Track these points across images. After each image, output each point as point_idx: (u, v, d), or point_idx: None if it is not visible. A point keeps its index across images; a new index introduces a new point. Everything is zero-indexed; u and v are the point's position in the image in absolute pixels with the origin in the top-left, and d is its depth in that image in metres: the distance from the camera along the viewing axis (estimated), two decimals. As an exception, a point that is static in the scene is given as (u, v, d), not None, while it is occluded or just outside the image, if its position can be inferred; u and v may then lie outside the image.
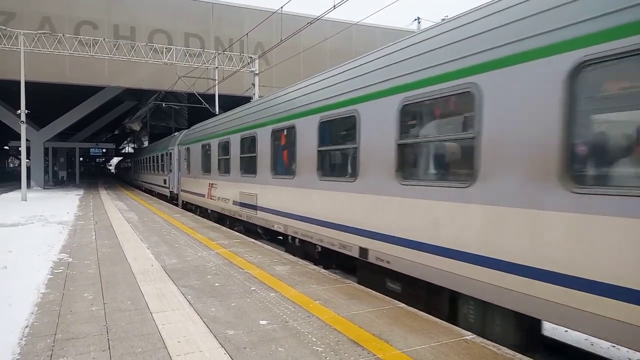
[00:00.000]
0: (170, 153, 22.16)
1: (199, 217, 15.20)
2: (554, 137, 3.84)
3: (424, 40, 5.56)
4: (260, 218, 10.41)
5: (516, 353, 3.96)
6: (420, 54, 5.49)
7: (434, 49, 5.27)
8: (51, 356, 3.90)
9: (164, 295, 5.78)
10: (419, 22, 34.23)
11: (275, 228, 9.52)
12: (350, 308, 5.21)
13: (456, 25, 5.10)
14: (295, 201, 8.56)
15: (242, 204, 11.50)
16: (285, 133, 9.14)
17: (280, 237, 10.27)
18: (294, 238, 8.81)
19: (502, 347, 4.10)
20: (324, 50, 29.37)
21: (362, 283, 6.58)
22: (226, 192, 12.99)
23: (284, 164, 9.33)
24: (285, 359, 3.84)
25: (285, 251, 9.09)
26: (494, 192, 4.43)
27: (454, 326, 4.70)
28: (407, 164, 5.83)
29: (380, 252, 6.11)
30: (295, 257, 8.36)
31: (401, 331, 4.47)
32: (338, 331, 4.47)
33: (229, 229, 12.23)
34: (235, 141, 12.03)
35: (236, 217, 12.21)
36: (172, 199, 21.83)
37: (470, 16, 4.98)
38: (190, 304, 5.40)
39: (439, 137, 5.41)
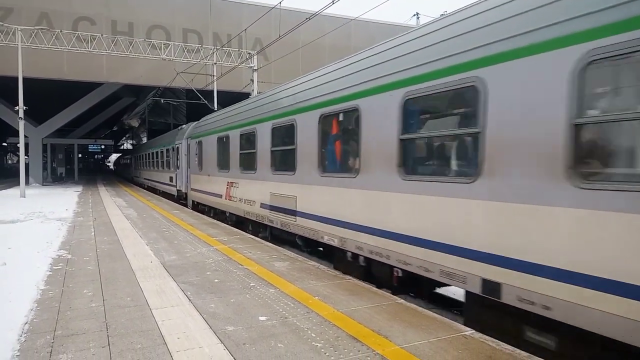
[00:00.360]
0: (178, 147, 19.91)
1: (198, 214, 15.20)
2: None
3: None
4: (301, 226, 8.40)
5: (515, 349, 3.98)
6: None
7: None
8: (51, 352, 3.91)
9: (163, 291, 5.78)
10: (417, 18, 34.13)
11: (326, 240, 7.56)
12: (349, 304, 5.22)
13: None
14: (361, 207, 6.58)
15: (274, 208, 9.57)
16: (341, 119, 7.32)
17: (321, 248, 9.13)
18: (355, 255, 6.87)
19: (501, 342, 4.11)
20: (323, 46, 29.26)
21: (485, 331, 4.52)
22: (250, 193, 10.92)
23: (339, 159, 7.57)
24: (284, 354, 3.85)
25: (334, 268, 7.48)
26: None
27: (453, 322, 4.71)
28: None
29: (529, 291, 4.06)
30: (294, 253, 8.36)
31: (400, 327, 4.48)
32: (337, 327, 4.48)
33: (227, 225, 12.23)
34: (263, 131, 10.03)
35: (265, 222, 10.13)
36: (180, 199, 19.86)
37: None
38: (189, 300, 5.40)
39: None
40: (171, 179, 21.82)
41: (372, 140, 6.32)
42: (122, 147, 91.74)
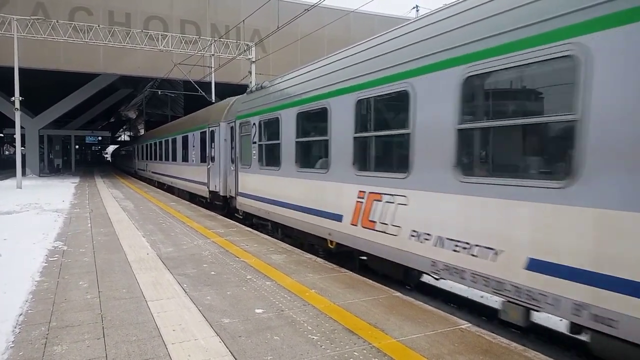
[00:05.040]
0: (212, 132, 14.34)
1: (195, 206, 15.15)
2: None
3: None
4: None
5: (511, 342, 3.97)
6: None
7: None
8: (45, 344, 3.88)
9: (159, 283, 5.76)
10: (417, 11, 33.97)
11: None
12: (346, 297, 5.21)
13: None
14: None
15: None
16: None
17: None
18: None
19: (497, 336, 4.11)
20: (322, 38, 29.12)
21: None
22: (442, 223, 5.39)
23: None
24: (280, 347, 3.83)
25: None
26: None
27: (450, 315, 4.71)
28: None
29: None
30: (291, 246, 8.34)
31: (397, 320, 4.48)
32: (334, 320, 4.47)
33: (225, 218, 12.18)
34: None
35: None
36: (213, 201, 14.66)
37: None
38: (185, 292, 5.38)
39: None
40: (199, 175, 15.94)
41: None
42: (119, 139, 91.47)
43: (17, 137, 23.22)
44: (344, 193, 6.84)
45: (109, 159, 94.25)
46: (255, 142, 10.60)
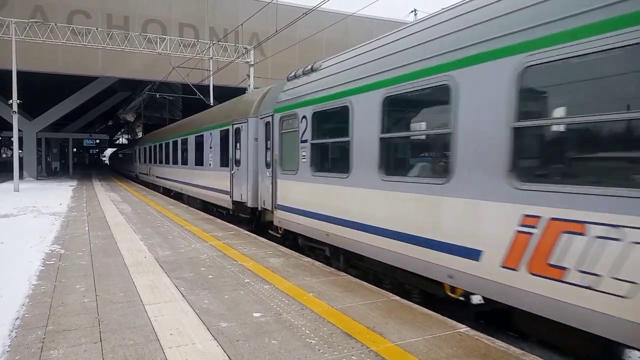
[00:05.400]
0: (238, 130, 11.96)
1: (194, 209, 15.13)
2: None
3: None
4: None
5: (509, 345, 3.97)
6: None
7: None
8: (42, 348, 3.86)
9: (156, 287, 5.74)
10: (415, 15, 34.13)
11: None
12: (344, 300, 5.20)
13: None
14: None
15: None
16: None
17: None
18: None
19: (495, 340, 4.11)
20: (320, 42, 29.18)
21: None
22: None
23: None
24: (278, 351, 3.82)
25: None
26: None
27: (448, 319, 4.70)
28: None
29: None
30: (289, 250, 8.33)
31: (395, 324, 4.47)
32: (332, 324, 4.46)
33: (223, 221, 12.15)
34: None
35: None
36: (237, 213, 12.37)
37: None
38: (183, 296, 5.37)
39: None
40: (219, 182, 13.52)
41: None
42: (117, 142, 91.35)
43: (15, 139, 23.17)
44: (486, 216, 4.55)
45: (107, 162, 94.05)
46: (305, 141, 8.06)
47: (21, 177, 26.57)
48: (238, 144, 11.93)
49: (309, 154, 7.98)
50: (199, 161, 16.09)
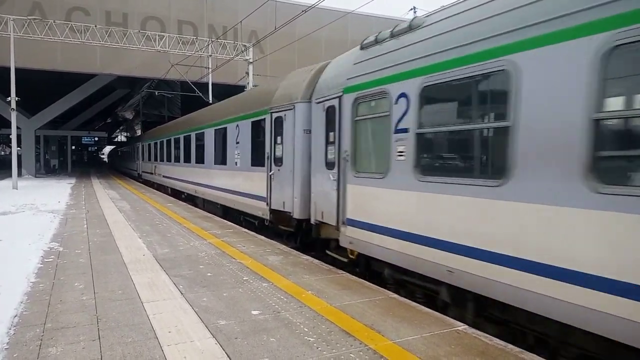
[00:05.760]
0: (279, 120, 9.44)
1: (193, 207, 15.12)
2: None
3: None
4: None
5: (507, 344, 3.98)
6: None
7: None
8: (40, 346, 3.86)
9: (155, 284, 5.74)
10: (414, 12, 34.06)
11: None
12: (342, 298, 5.20)
13: None
14: None
15: None
16: None
17: None
18: None
19: (493, 338, 4.11)
20: (319, 39, 29.16)
21: None
22: None
23: None
24: (276, 349, 3.82)
25: None
26: None
27: (446, 317, 4.71)
28: None
29: None
30: (288, 248, 8.33)
31: (393, 322, 4.47)
32: (330, 321, 4.47)
33: (222, 219, 12.13)
34: None
35: None
36: (277, 225, 9.70)
37: None
38: (181, 293, 5.37)
39: None
40: (251, 185, 10.96)
41: None
42: (115, 139, 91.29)
43: (13, 137, 23.14)
44: None
45: (106, 159, 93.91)
46: (404, 130, 5.74)
47: (20, 174, 26.55)
48: (279, 138, 9.43)
49: (411, 149, 5.60)
50: (221, 159, 13.51)
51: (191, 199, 17.63)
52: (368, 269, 6.88)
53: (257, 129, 10.70)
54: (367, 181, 6.45)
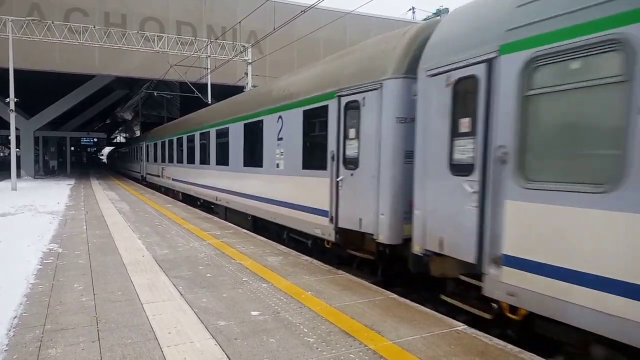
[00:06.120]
0: (351, 106, 6.99)
1: (192, 208, 15.10)
2: None
3: None
4: None
5: (507, 344, 3.98)
6: None
7: None
8: (40, 347, 3.86)
9: (154, 285, 5.74)
10: (413, 12, 34.08)
11: None
12: (342, 299, 5.21)
13: None
14: None
15: None
16: None
17: None
18: None
19: (493, 338, 4.12)
20: (318, 40, 29.13)
21: None
22: None
23: None
24: (276, 350, 3.83)
25: None
26: None
27: (446, 317, 4.71)
28: None
29: None
30: (287, 248, 8.32)
31: (393, 322, 4.47)
32: (330, 322, 4.47)
33: (221, 220, 12.12)
34: None
35: None
36: (346, 248, 7.27)
37: None
38: (181, 294, 5.37)
39: None
40: (304, 193, 8.47)
41: None
42: (114, 140, 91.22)
43: (12, 138, 23.09)
44: None
45: (105, 160, 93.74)
46: None
47: (19, 175, 26.51)
48: (352, 131, 7.02)
49: None
50: (253, 160, 10.84)
51: (206, 206, 15.42)
52: (534, 334, 4.50)
53: (313, 119, 8.24)
54: (558, 197, 3.90)
